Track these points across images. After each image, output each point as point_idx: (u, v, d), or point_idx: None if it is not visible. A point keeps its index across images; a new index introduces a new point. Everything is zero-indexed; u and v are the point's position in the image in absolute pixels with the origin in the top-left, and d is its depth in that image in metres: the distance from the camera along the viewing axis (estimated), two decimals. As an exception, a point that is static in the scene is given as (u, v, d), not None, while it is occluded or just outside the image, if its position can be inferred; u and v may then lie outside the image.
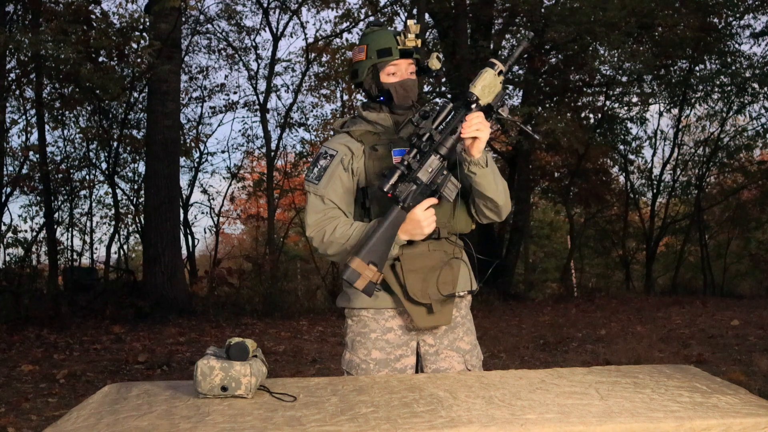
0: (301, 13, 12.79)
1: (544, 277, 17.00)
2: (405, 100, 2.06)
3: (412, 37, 1.99)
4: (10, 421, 4.02)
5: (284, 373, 5.38)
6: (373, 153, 2.04)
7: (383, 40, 2.04)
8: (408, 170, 1.88)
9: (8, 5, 9.09)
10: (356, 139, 2.08)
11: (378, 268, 1.87)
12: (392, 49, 2.02)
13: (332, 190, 2.04)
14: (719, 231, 15.12)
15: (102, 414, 1.55)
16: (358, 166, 2.05)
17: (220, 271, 10.80)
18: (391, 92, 2.05)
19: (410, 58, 2.05)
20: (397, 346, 2.07)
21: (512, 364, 5.76)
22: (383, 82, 2.05)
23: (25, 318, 7.81)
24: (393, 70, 2.05)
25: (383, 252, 1.88)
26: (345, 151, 2.06)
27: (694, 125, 14.67)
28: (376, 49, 2.04)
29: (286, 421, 1.48)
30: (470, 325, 2.17)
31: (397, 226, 1.90)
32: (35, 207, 11.04)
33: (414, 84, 2.06)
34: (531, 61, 12.03)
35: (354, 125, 2.12)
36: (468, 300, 2.18)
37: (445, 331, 2.10)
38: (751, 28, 12.56)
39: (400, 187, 1.88)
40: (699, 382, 1.82)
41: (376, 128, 2.09)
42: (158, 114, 9.49)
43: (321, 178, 2.05)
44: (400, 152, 2.04)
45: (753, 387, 4.28)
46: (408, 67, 2.05)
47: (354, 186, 2.07)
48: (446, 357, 2.09)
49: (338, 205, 2.03)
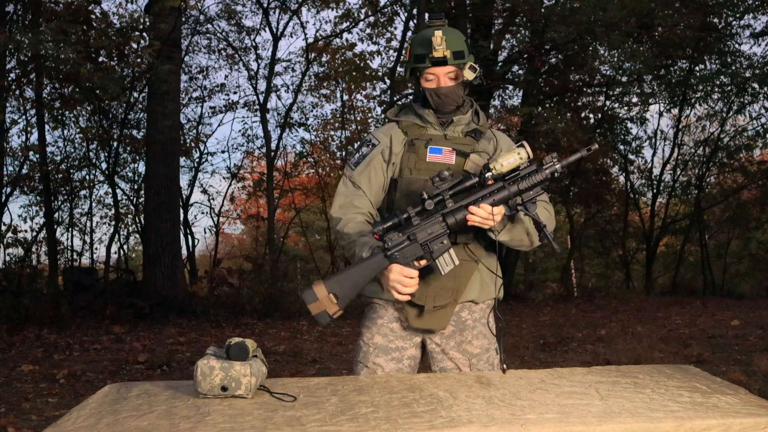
0: (301, 13, 12.81)
1: (544, 277, 17.00)
2: (441, 106, 2.06)
3: (440, 48, 1.95)
4: (10, 421, 4.02)
5: (284, 373, 5.38)
6: (411, 147, 2.06)
7: (420, 46, 2.03)
8: (406, 222, 1.86)
9: (8, 5, 9.08)
10: (402, 130, 2.10)
11: (338, 302, 1.82)
12: (426, 56, 2.01)
13: (365, 177, 2.07)
14: (719, 231, 15.12)
15: (102, 414, 1.54)
16: (397, 158, 2.07)
17: (220, 271, 10.80)
18: (427, 96, 2.07)
19: (443, 66, 2.01)
20: (400, 336, 2.08)
21: (512, 364, 5.76)
22: (422, 86, 2.07)
23: (25, 318, 7.81)
24: (430, 77, 2.04)
25: (349, 289, 1.83)
26: (387, 143, 2.09)
27: (694, 125, 14.68)
28: (414, 53, 2.05)
29: (286, 421, 1.48)
30: (485, 329, 2.13)
31: (374, 270, 1.86)
32: (35, 207, 11.05)
33: (451, 91, 2.03)
34: (531, 61, 12.03)
35: (405, 115, 2.14)
36: (485, 305, 2.16)
37: (453, 332, 2.10)
38: (751, 28, 12.57)
39: (392, 235, 1.85)
40: (699, 382, 1.82)
41: (424, 122, 2.10)
42: (158, 114, 9.49)
43: (359, 164, 2.09)
44: (436, 150, 2.04)
45: (753, 387, 4.28)
46: (447, 73, 2.03)
47: (388, 176, 2.09)
48: (452, 358, 2.09)
49: (366, 193, 2.07)
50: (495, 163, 1.83)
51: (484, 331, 2.13)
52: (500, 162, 1.83)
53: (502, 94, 13.90)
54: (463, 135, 2.10)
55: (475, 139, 2.09)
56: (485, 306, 2.16)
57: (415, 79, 2.10)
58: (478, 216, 1.84)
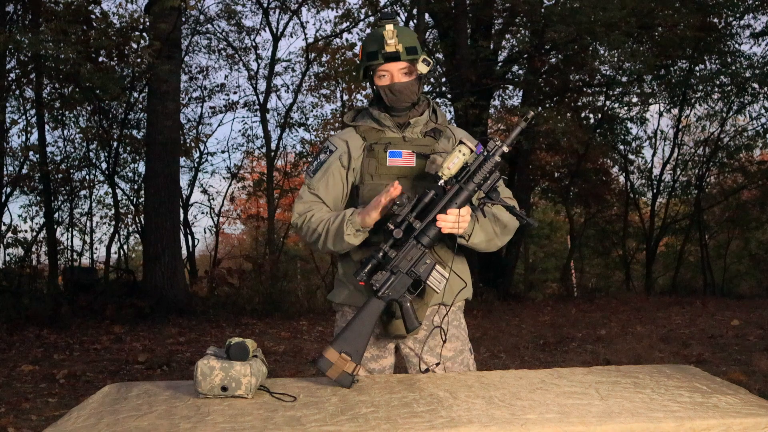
0: (301, 13, 12.82)
1: (544, 277, 17.01)
2: (396, 103, 2.03)
3: (392, 42, 1.93)
4: (10, 421, 4.02)
5: (284, 373, 5.38)
6: (370, 152, 2.04)
7: (372, 43, 2.01)
8: (385, 258, 1.85)
9: (8, 5, 9.09)
10: (360, 135, 2.08)
11: (353, 358, 1.80)
12: (378, 52, 1.99)
13: (323, 184, 2.06)
14: (719, 231, 15.12)
15: (102, 414, 1.54)
16: (357, 163, 2.05)
17: (220, 271, 10.80)
18: (381, 94, 2.04)
19: (395, 61, 1.99)
20: (373, 344, 2.07)
21: (512, 364, 5.76)
22: (376, 84, 2.05)
23: (25, 318, 7.81)
24: (383, 73, 2.02)
25: (358, 343, 1.82)
26: (344, 149, 2.06)
27: (694, 125, 14.68)
28: (366, 51, 2.03)
29: (286, 421, 1.48)
30: (457, 332, 2.12)
31: (374, 315, 1.86)
32: (35, 207, 11.05)
33: (405, 86, 2.01)
34: (531, 61, 12.03)
35: (362, 120, 2.12)
36: (456, 307, 2.14)
37: (426, 337, 2.08)
38: (751, 28, 12.58)
39: (377, 276, 1.85)
40: (699, 382, 1.82)
41: (381, 125, 2.08)
42: (158, 114, 9.49)
43: (317, 171, 2.08)
44: (396, 154, 2.02)
45: (753, 387, 4.28)
46: (400, 69, 2.01)
47: (349, 183, 2.07)
48: (427, 361, 2.08)
49: (323, 200, 2.06)
50: (442, 170, 1.84)
51: (457, 333, 2.12)
52: (446, 166, 1.84)
53: (502, 94, 13.92)
54: (422, 135, 2.07)
55: (434, 139, 2.07)
56: (456, 308, 2.14)
57: (369, 79, 2.08)
58: (449, 222, 1.84)
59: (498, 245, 2.06)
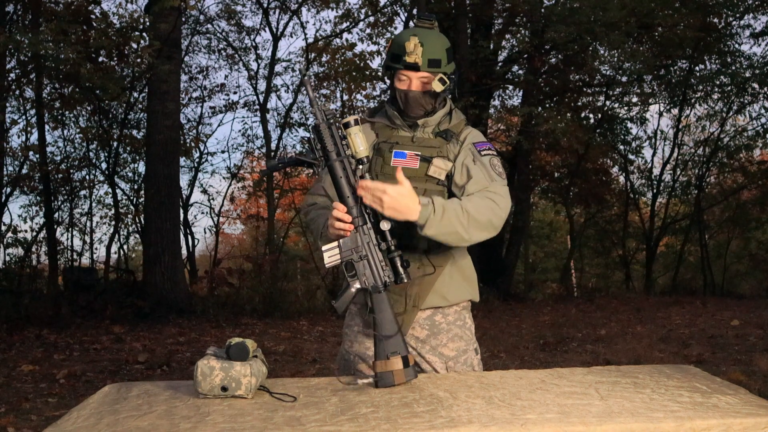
0: (301, 13, 12.81)
1: (544, 277, 17.01)
2: (408, 110, 2.03)
3: (413, 55, 1.93)
4: (10, 421, 4.02)
5: (284, 373, 5.38)
6: (378, 150, 2.05)
7: (398, 46, 2.00)
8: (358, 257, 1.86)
9: (8, 5, 9.08)
10: (375, 131, 2.09)
11: (399, 352, 1.80)
12: (401, 57, 1.98)
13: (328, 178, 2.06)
14: (719, 231, 15.12)
15: (102, 414, 1.54)
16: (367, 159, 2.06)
17: (220, 271, 10.80)
18: (396, 97, 2.04)
19: (415, 71, 1.98)
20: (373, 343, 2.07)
21: (512, 364, 5.76)
22: (394, 85, 2.05)
23: (25, 318, 7.81)
24: (402, 77, 2.02)
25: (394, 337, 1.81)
26: None
27: (694, 125, 14.70)
28: (391, 51, 2.03)
29: (286, 421, 1.48)
30: (460, 332, 2.11)
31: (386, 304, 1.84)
32: (35, 207, 11.05)
33: (418, 97, 2.00)
34: (531, 61, 12.03)
35: (379, 116, 2.13)
36: (460, 307, 2.13)
37: (427, 336, 2.08)
38: (751, 28, 12.60)
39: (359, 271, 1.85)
40: (699, 382, 1.82)
41: (394, 124, 2.08)
42: (158, 114, 9.49)
43: None
44: (401, 155, 2.02)
45: (753, 387, 4.28)
46: (420, 77, 2.00)
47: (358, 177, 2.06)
48: (429, 361, 2.08)
49: (328, 194, 2.11)
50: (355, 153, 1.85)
51: (460, 332, 2.11)
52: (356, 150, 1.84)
53: (502, 94, 13.92)
54: (433, 135, 2.07)
55: (445, 140, 2.06)
56: (459, 308, 2.13)
57: (390, 75, 2.08)
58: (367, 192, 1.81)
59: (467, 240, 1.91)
